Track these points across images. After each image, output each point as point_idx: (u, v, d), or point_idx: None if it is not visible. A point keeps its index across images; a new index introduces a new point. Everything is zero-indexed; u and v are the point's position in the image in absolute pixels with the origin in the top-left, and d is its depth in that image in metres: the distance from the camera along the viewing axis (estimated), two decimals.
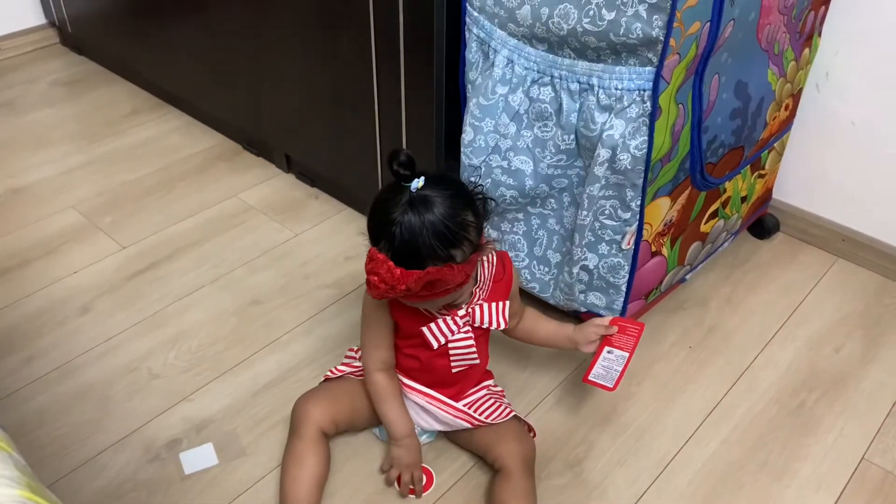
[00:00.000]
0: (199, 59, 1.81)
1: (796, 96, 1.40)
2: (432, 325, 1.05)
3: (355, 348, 1.21)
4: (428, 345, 1.05)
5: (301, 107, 1.61)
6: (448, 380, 1.12)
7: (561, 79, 1.09)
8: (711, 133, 1.18)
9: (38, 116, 2.01)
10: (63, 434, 1.20)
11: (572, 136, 1.13)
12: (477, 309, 1.06)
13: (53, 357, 1.33)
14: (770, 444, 1.19)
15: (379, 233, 0.95)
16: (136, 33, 1.98)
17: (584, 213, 1.14)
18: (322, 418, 1.10)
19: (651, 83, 1.01)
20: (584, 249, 1.20)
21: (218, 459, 1.16)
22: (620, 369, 1.12)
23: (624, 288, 1.23)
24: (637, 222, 1.15)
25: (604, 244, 1.19)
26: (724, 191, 1.33)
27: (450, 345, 1.07)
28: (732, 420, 1.23)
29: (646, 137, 1.06)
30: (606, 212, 1.15)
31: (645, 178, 1.09)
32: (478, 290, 1.07)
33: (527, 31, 1.08)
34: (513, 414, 1.13)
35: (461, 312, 1.05)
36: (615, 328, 1.14)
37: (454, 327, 1.05)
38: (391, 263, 0.91)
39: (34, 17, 2.28)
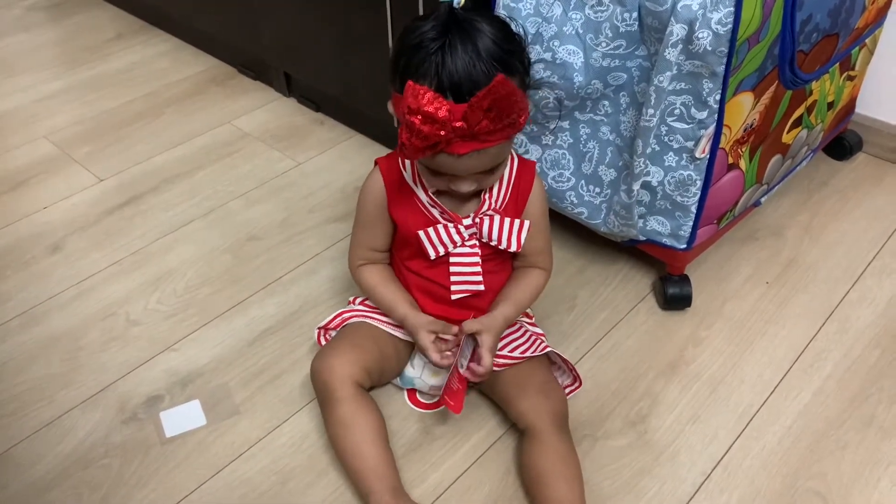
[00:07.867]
0: None
1: None
2: (430, 230, 0.89)
3: (351, 298, 1.02)
4: (425, 254, 0.90)
5: (302, 18, 1.39)
6: (451, 305, 0.94)
7: None
8: (807, 10, 0.95)
9: (10, 42, 1.80)
10: (24, 390, 1.00)
11: (635, 15, 0.90)
12: (486, 220, 0.88)
13: (16, 302, 1.13)
14: (876, 396, 0.98)
15: (415, 61, 0.76)
16: None
17: (651, 111, 0.92)
18: (354, 371, 0.90)
19: None
20: (647, 161, 0.97)
21: (206, 419, 0.97)
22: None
23: (694, 209, 1.01)
24: (715, 123, 0.92)
25: (671, 154, 0.97)
26: (810, 93, 1.10)
27: (451, 259, 0.91)
28: (825, 368, 1.02)
29: (731, 9, 0.83)
30: (677, 111, 0.93)
31: (728, 63, 0.87)
32: (489, 197, 0.89)
33: None
34: (547, 350, 0.93)
35: (467, 222, 0.89)
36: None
37: (457, 237, 0.89)
38: (438, 95, 0.73)
39: None
